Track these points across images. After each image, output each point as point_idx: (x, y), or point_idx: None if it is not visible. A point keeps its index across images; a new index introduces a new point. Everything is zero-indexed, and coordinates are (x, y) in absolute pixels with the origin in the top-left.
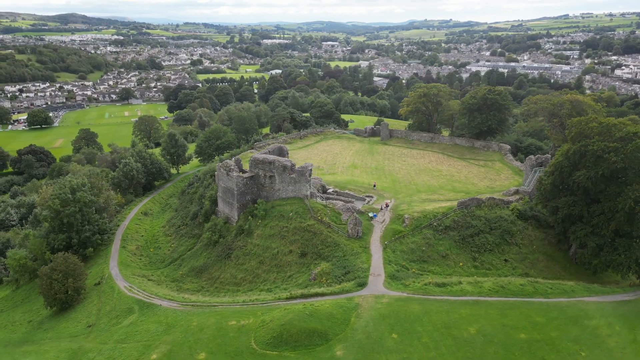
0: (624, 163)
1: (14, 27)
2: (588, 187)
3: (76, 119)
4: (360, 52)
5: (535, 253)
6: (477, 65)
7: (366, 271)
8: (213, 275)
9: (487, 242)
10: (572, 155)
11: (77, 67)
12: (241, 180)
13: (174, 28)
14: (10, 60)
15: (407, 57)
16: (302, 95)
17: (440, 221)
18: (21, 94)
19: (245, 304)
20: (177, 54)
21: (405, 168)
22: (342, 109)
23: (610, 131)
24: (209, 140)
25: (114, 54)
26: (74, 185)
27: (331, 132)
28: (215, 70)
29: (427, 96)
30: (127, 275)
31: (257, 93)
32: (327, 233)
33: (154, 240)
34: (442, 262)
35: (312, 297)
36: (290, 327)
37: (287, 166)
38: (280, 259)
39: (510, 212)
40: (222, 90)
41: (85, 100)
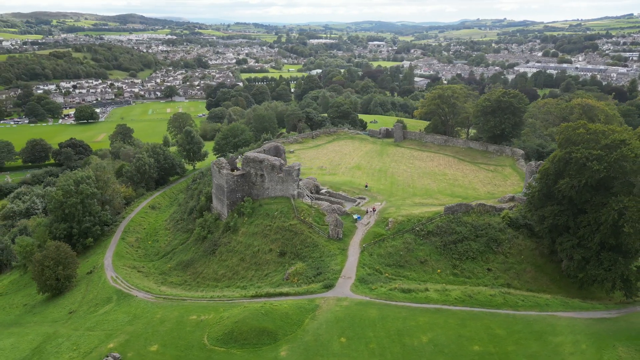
0: (607, 172)
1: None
2: (573, 197)
3: (121, 114)
4: (406, 52)
5: (522, 263)
6: (526, 66)
7: (337, 273)
8: (197, 270)
9: (470, 250)
10: (557, 163)
11: (128, 65)
12: (231, 178)
13: (225, 28)
14: (67, 58)
15: (454, 57)
16: (334, 95)
17: (424, 226)
18: (74, 90)
19: (212, 299)
20: (225, 53)
21: (409, 171)
22: (371, 109)
23: (598, 138)
24: (226, 137)
25: (164, 53)
26: (78, 178)
27: (344, 133)
28: (258, 69)
29: (441, 98)
30: (118, 266)
31: (293, 92)
32: (308, 233)
33: (154, 233)
34: (419, 268)
35: (276, 296)
36: (242, 325)
37: (275, 165)
38: (260, 257)
39: (501, 220)
40: (259, 89)
41: (132, 97)
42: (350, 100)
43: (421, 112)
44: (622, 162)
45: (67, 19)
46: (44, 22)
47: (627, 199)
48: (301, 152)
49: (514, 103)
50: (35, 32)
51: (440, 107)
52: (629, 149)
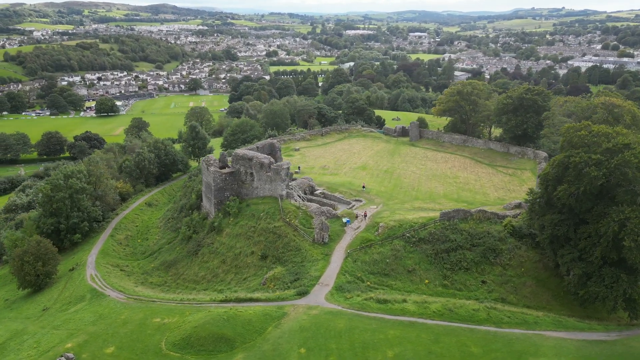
0: (606, 179)
1: (109, 17)
2: (572, 205)
3: (143, 107)
4: (449, 44)
5: (522, 277)
6: (581, 60)
7: (315, 280)
8: (179, 271)
9: (464, 260)
10: (557, 167)
11: (155, 57)
12: (219, 175)
13: (259, 18)
14: (94, 49)
15: (501, 50)
16: (360, 90)
17: (416, 232)
18: (99, 82)
19: (181, 302)
20: (255, 45)
21: (418, 172)
22: (399, 105)
23: (600, 141)
24: (235, 133)
25: (192, 44)
26: (68, 172)
27: (357, 130)
28: (288, 62)
29: (460, 94)
30: (101, 264)
31: (320, 86)
32: (292, 236)
33: (146, 231)
34: (405, 277)
35: (245, 301)
36: (200, 331)
37: (264, 163)
38: (241, 260)
39: (502, 228)
40: (284, 83)
41: (155, 90)
42: (377, 96)
43: (439, 109)
44: (624, 168)
45: (98, 9)
46: (76, 12)
47: (629, 210)
48: (307, 150)
49: (537, 101)
50: (66, 22)
51: (459, 104)
52: (632, 153)
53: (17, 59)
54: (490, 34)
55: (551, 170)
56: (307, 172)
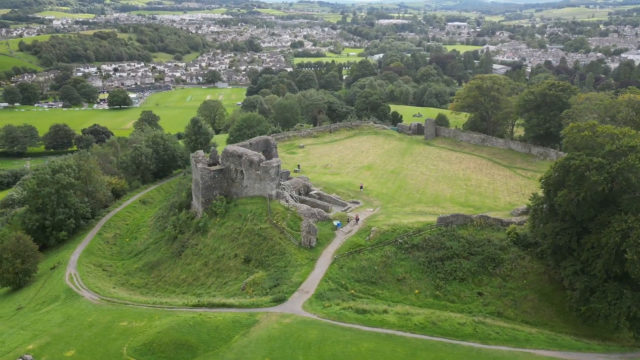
0: (607, 184)
1: (131, 6)
2: (573, 213)
3: (158, 100)
4: (490, 35)
5: (524, 289)
6: (636, 53)
7: (295, 286)
8: (161, 273)
9: (460, 269)
10: (558, 171)
11: (174, 48)
12: (207, 172)
13: (287, 7)
14: (111, 39)
15: (548, 41)
16: (383, 84)
17: (409, 238)
18: (115, 73)
19: (153, 306)
20: (281, 35)
21: (427, 173)
22: (425, 100)
23: (604, 143)
24: (240, 129)
25: (214, 34)
26: (56, 166)
27: (369, 127)
28: (314, 53)
29: (480, 89)
30: (83, 263)
31: (344, 80)
32: (278, 239)
33: (136, 229)
34: (394, 287)
35: (218, 307)
36: (163, 336)
37: (253, 161)
38: (223, 263)
39: (506, 236)
40: (305, 76)
41: (172, 82)
42: (401, 90)
43: (456, 105)
44: (627, 173)
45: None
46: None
47: (633, 219)
48: (312, 147)
49: (562, 97)
50: (87, 10)
51: (478, 100)
52: (637, 157)
53: (32, 49)
54: (537, 23)
55: (553, 173)
56: (307, 171)
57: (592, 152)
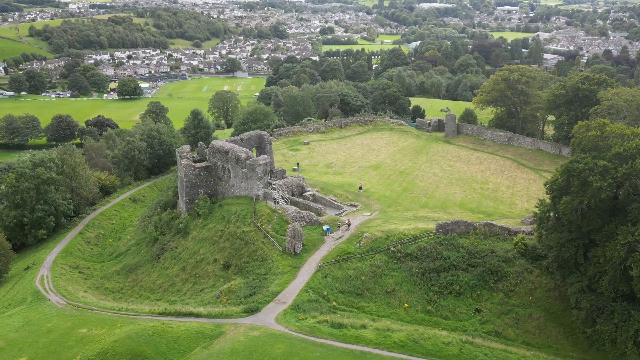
0: (611, 191)
1: None
2: (578, 222)
3: (172, 90)
4: (544, 21)
5: (529, 307)
6: None
7: (272, 296)
8: (138, 277)
9: (457, 282)
10: (563, 175)
11: (193, 34)
12: (191, 170)
13: None
14: (126, 24)
15: (611, 27)
16: (414, 74)
17: (403, 246)
18: (128, 61)
19: (118, 312)
20: (310, 20)
21: (441, 175)
22: (459, 93)
23: (612, 144)
24: (245, 123)
25: (237, 20)
26: (37, 160)
27: (384, 123)
28: (344, 40)
29: (507, 82)
30: (59, 264)
31: (374, 69)
32: (261, 244)
33: (121, 229)
34: (382, 299)
35: (185, 316)
36: (119, 346)
37: (240, 158)
38: (201, 268)
39: (512, 247)
40: (331, 65)
41: (189, 71)
42: (432, 82)
43: (480, 99)
44: (634, 178)
45: None
46: None
47: (639, 231)
48: (318, 144)
49: (596, 92)
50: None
51: (504, 94)
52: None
53: (43, 34)
54: (599, 7)
55: (559, 177)
56: (308, 169)
57: (599, 154)
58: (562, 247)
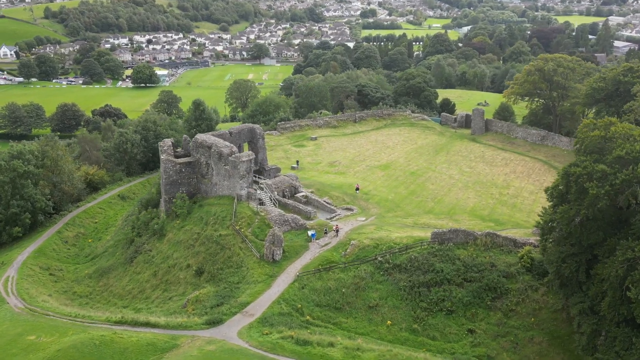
0: (608, 199)
1: None
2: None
3: (192, 78)
4: (619, 3)
5: (531, 329)
6: None
7: (240, 307)
8: (110, 282)
9: (449, 298)
10: (562, 180)
11: (220, 16)
12: (172, 165)
13: None
14: (148, 6)
15: None
16: (455, 63)
17: (392, 256)
18: (147, 46)
19: (74, 319)
20: (350, 2)
21: (457, 177)
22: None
23: (615, 146)
24: (254, 115)
25: (270, 1)
26: (15, 152)
27: (404, 117)
28: (387, 24)
29: (541, 73)
30: (29, 265)
31: (415, 57)
32: (238, 249)
33: (104, 229)
34: (363, 315)
35: (142, 325)
36: (61, 356)
37: (223, 154)
38: (173, 274)
39: (517, 260)
40: (366, 52)
41: (212, 57)
42: (475, 72)
43: (511, 92)
44: (636, 185)
45: None
46: None
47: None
48: (327, 140)
49: None
50: None
51: (537, 86)
52: None
53: (59, 16)
54: None
55: (560, 183)
56: (308, 168)
57: (601, 157)
58: (562, 263)
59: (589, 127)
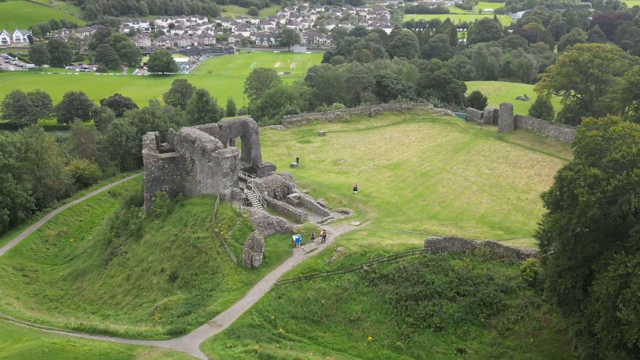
0: (600, 208)
1: None
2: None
3: (214, 66)
4: None
5: (529, 351)
6: None
7: (208, 317)
8: (83, 285)
9: (439, 314)
10: (557, 185)
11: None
12: (153, 160)
13: None
14: None
15: None
16: (499, 52)
17: (379, 265)
18: (169, 31)
19: (32, 324)
20: None
21: (473, 180)
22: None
23: (611, 148)
24: (264, 107)
25: None
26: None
27: (425, 112)
28: (433, 8)
29: (576, 64)
30: (3, 265)
31: (457, 45)
32: (215, 254)
33: (89, 227)
34: (342, 329)
35: (99, 333)
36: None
37: (206, 149)
38: (146, 279)
39: (519, 273)
40: (403, 39)
41: (237, 44)
42: (520, 62)
43: (543, 86)
44: (628, 193)
45: None
46: None
47: (634, 262)
48: (336, 135)
49: None
50: None
51: (571, 79)
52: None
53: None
54: None
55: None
56: (310, 166)
57: (597, 160)
58: (558, 277)
59: (589, 126)
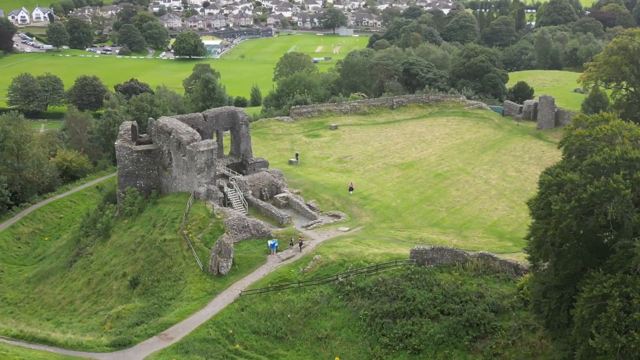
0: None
1: None
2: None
3: (248, 50)
4: None
5: None
6: None
7: (159, 329)
8: (45, 288)
9: (418, 334)
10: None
11: None
12: (127, 153)
13: None
14: None
15: None
16: (565, 38)
17: (357, 277)
18: (203, 10)
19: None
20: None
21: (493, 183)
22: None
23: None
24: (279, 96)
25: None
26: None
27: (456, 104)
28: None
29: (625, 53)
30: None
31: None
32: (181, 258)
33: (67, 225)
34: (307, 348)
35: (38, 342)
36: None
37: (182, 142)
38: (106, 284)
39: (515, 291)
40: (459, 22)
41: (277, 25)
42: (587, 49)
43: (588, 77)
44: (607, 204)
45: None
46: None
47: (611, 281)
48: (350, 129)
49: None
50: None
51: (620, 70)
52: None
53: None
54: None
55: None
56: (310, 163)
57: (581, 163)
58: (542, 297)
59: (578, 123)
